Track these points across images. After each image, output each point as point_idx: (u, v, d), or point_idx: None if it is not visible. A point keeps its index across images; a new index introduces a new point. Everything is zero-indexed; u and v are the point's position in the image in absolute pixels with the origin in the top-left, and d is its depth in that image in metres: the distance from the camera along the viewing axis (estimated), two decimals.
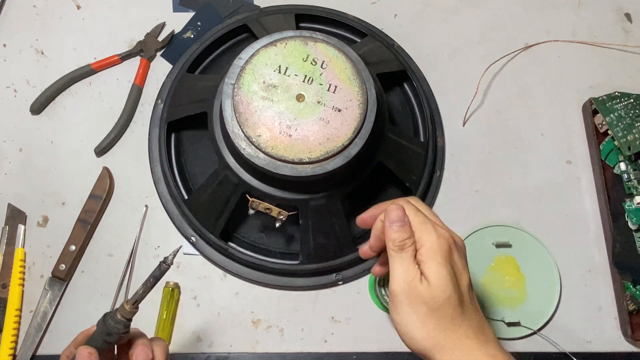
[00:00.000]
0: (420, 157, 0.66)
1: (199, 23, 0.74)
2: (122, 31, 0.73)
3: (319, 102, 0.55)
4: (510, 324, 0.64)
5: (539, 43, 0.74)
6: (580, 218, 0.69)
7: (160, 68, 0.72)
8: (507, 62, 0.74)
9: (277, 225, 0.58)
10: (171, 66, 0.72)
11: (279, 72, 0.56)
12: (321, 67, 0.56)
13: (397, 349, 0.64)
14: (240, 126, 0.54)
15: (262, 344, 0.64)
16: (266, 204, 0.58)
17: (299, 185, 0.58)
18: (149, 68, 0.72)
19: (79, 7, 0.74)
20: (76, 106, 0.70)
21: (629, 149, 0.66)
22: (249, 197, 0.58)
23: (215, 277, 0.66)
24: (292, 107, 0.55)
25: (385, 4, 0.75)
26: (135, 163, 0.69)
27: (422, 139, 0.69)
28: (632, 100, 0.68)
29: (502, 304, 0.65)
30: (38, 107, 0.69)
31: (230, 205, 0.61)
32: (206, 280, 0.66)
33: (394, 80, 0.71)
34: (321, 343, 0.64)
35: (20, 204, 0.67)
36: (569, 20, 0.76)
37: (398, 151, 0.63)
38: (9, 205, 0.66)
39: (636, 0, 0.76)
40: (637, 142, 0.67)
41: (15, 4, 0.73)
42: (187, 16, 0.74)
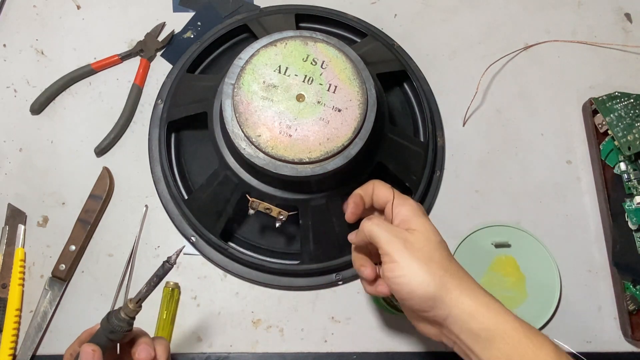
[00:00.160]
0: (420, 157, 0.66)
1: (199, 23, 0.74)
2: (122, 31, 0.73)
3: (319, 102, 0.55)
4: None
5: (539, 43, 0.74)
6: (580, 218, 0.69)
7: (160, 68, 0.72)
8: (507, 62, 0.74)
9: (277, 225, 0.58)
10: (171, 66, 0.72)
11: (279, 72, 0.56)
12: (321, 67, 0.56)
13: (397, 349, 0.64)
14: (240, 126, 0.54)
15: (262, 344, 0.64)
16: (266, 204, 0.58)
17: (299, 185, 0.58)
18: (149, 68, 0.72)
19: (79, 7, 0.74)
20: (76, 106, 0.70)
21: (629, 149, 0.66)
22: (249, 197, 0.58)
23: (215, 277, 0.66)
24: (292, 107, 0.55)
25: (385, 4, 0.75)
26: (135, 163, 0.69)
27: (422, 139, 0.69)
28: (632, 100, 0.68)
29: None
30: (38, 107, 0.69)
31: (230, 205, 0.61)
32: (206, 280, 0.66)
33: (394, 80, 0.71)
34: (321, 343, 0.64)
35: (20, 204, 0.67)
36: (569, 20, 0.76)
37: (398, 151, 0.63)
38: (9, 205, 0.66)
39: (636, 0, 0.77)
40: (637, 142, 0.67)
41: (15, 4, 0.73)
42: (187, 16, 0.74)
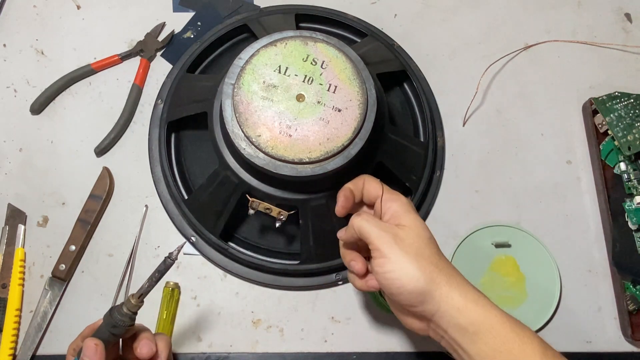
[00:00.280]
0: (420, 157, 0.66)
1: (199, 23, 0.74)
2: (122, 31, 0.73)
3: (319, 102, 0.55)
4: None
5: (539, 43, 0.74)
6: (580, 218, 0.69)
7: (160, 68, 0.72)
8: (507, 62, 0.74)
9: (277, 225, 0.58)
10: (171, 66, 0.72)
11: (279, 72, 0.56)
12: (321, 67, 0.56)
13: (397, 349, 0.64)
14: (240, 126, 0.54)
15: (262, 344, 0.64)
16: (266, 204, 0.58)
17: (299, 185, 0.58)
18: (149, 68, 0.72)
19: (79, 7, 0.74)
20: (76, 106, 0.70)
21: (629, 149, 0.66)
22: (249, 197, 0.58)
23: (215, 277, 0.66)
24: (292, 107, 0.55)
25: (385, 4, 0.75)
26: (135, 163, 0.69)
27: (422, 139, 0.69)
28: (632, 100, 0.68)
29: (502, 304, 0.64)
30: (38, 107, 0.69)
31: (230, 205, 0.61)
32: (206, 280, 0.66)
33: (394, 80, 0.71)
34: (321, 343, 0.64)
35: (20, 204, 0.67)
36: (569, 20, 0.76)
37: (398, 151, 0.63)
38: (9, 205, 0.66)
39: (636, 0, 0.77)
40: (637, 142, 0.67)
41: (15, 4, 0.73)
42: (187, 16, 0.74)
